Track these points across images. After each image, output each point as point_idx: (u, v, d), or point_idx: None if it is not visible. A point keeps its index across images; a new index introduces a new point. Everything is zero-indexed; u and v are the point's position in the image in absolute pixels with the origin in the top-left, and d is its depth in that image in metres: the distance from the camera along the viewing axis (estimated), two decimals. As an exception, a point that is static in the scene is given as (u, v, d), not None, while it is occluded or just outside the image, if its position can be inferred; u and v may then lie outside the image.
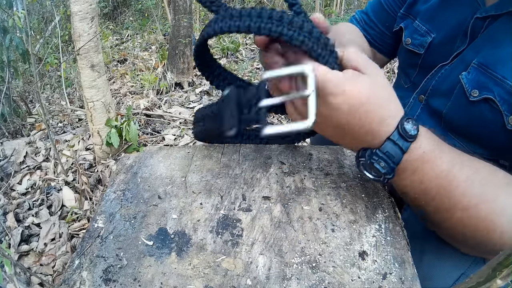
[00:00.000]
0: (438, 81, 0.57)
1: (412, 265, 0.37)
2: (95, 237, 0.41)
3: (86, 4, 1.52)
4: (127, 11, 4.98)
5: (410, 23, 0.65)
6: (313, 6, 4.09)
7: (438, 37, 0.59)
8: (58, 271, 1.29)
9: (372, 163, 0.39)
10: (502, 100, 0.46)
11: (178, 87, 2.74)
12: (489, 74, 0.48)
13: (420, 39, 0.62)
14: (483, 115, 0.49)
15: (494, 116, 0.47)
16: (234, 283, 0.35)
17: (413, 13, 0.65)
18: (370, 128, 0.37)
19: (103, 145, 1.79)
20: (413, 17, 0.65)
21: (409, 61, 0.66)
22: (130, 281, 0.36)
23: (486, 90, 0.48)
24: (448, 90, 0.54)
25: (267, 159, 0.52)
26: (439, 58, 0.58)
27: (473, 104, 0.49)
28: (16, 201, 1.61)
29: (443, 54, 0.58)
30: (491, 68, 0.48)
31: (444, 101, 0.55)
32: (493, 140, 0.50)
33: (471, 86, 0.50)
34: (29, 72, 2.79)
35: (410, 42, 0.64)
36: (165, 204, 0.45)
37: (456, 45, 0.56)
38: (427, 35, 0.61)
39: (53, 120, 2.45)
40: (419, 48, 0.62)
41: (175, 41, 2.61)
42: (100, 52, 1.66)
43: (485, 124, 0.49)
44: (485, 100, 0.48)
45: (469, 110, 0.50)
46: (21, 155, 1.94)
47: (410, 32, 0.64)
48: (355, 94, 0.35)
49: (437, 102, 0.57)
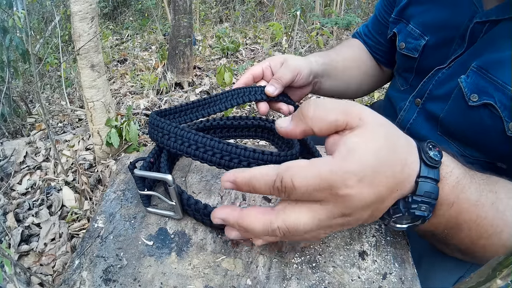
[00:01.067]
0: (435, 84, 0.57)
1: (412, 265, 0.37)
2: (95, 237, 0.41)
3: (86, 4, 1.52)
4: (127, 11, 4.98)
5: (403, 27, 0.64)
6: (313, 6, 4.09)
7: (432, 40, 0.58)
8: (58, 271, 1.29)
9: (412, 213, 0.32)
10: (502, 106, 0.45)
11: (178, 87, 2.74)
12: (488, 78, 0.47)
13: (414, 43, 0.61)
14: (482, 120, 0.48)
15: (493, 121, 0.46)
16: (234, 283, 0.35)
17: (406, 16, 0.64)
18: (398, 181, 0.30)
19: (103, 145, 1.79)
20: (406, 21, 0.64)
21: (404, 65, 0.66)
22: (130, 281, 0.36)
23: (486, 95, 0.47)
24: (445, 94, 0.53)
25: (267, 159, 0.52)
26: (435, 62, 0.58)
27: (472, 109, 0.48)
28: (16, 201, 1.61)
29: (439, 58, 0.57)
30: (491, 72, 0.47)
31: (441, 105, 0.54)
32: (492, 145, 0.49)
33: (470, 90, 0.48)
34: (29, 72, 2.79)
35: (404, 46, 0.63)
36: (165, 204, 0.45)
37: (452, 48, 0.55)
38: (421, 38, 0.60)
39: (53, 120, 2.45)
40: (413, 52, 0.61)
41: (175, 41, 2.61)
42: (100, 52, 1.66)
43: (484, 129, 0.48)
44: (484, 105, 0.47)
45: (468, 115, 0.49)
46: (21, 155, 1.94)
47: (403, 36, 0.63)
48: (365, 164, 0.28)
49: (434, 106, 0.56)
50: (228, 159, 0.36)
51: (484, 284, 0.19)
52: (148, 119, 0.44)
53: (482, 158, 0.51)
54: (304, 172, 0.28)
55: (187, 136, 0.38)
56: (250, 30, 4.01)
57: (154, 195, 0.43)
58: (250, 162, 0.36)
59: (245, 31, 3.96)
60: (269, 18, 4.46)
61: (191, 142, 0.38)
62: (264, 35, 3.74)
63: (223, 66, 1.94)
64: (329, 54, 0.70)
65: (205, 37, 3.76)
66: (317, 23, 3.43)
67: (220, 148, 0.36)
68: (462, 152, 0.53)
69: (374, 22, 0.76)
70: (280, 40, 3.38)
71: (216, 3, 4.84)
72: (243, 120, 0.56)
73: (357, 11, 4.38)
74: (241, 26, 4.26)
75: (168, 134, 0.39)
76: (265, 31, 3.81)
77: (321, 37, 3.17)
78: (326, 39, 3.38)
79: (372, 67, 0.76)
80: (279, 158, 0.37)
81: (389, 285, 0.35)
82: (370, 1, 4.53)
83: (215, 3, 4.86)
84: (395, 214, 0.33)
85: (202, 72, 3.01)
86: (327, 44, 3.31)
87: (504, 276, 0.18)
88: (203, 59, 3.21)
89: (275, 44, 3.45)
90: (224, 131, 0.56)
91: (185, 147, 0.38)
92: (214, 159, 0.36)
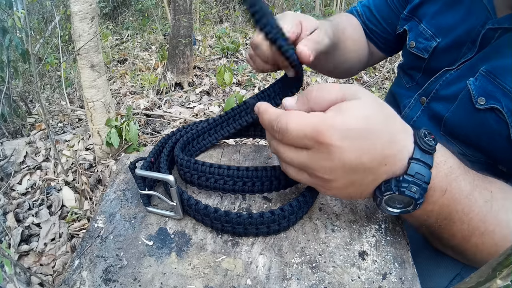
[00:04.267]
0: (442, 85, 0.57)
1: (412, 265, 0.37)
2: (95, 237, 0.41)
3: (86, 4, 1.52)
4: (127, 11, 4.98)
5: (415, 25, 0.63)
6: (313, 6, 4.09)
7: (444, 43, 0.58)
8: (58, 271, 1.29)
9: (403, 192, 0.33)
10: (509, 112, 0.45)
11: (178, 87, 2.74)
12: (497, 83, 0.47)
13: (424, 43, 0.61)
14: (487, 124, 0.48)
15: (499, 126, 0.47)
16: (234, 283, 0.35)
17: (418, 15, 0.63)
18: (385, 154, 0.32)
19: (103, 145, 1.79)
20: (418, 20, 0.63)
21: (412, 63, 0.65)
22: (130, 281, 0.36)
23: (494, 99, 0.47)
24: (452, 95, 0.54)
25: (267, 159, 0.52)
26: (444, 63, 0.58)
27: (479, 111, 0.49)
28: (16, 201, 1.61)
29: (448, 60, 0.57)
30: (499, 78, 0.47)
31: (447, 106, 0.54)
32: (495, 149, 0.49)
33: (478, 93, 0.49)
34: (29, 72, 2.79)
35: (414, 45, 0.62)
36: (165, 204, 0.45)
37: (462, 51, 0.55)
38: (432, 40, 0.59)
39: (53, 120, 2.45)
40: (423, 52, 0.61)
41: (175, 41, 2.61)
42: (100, 52, 1.66)
43: (489, 133, 0.48)
44: (491, 109, 0.47)
45: (474, 117, 0.50)
46: (21, 155, 1.94)
47: (414, 35, 0.63)
48: (350, 124, 0.30)
49: (439, 106, 0.56)
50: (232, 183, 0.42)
51: (484, 284, 0.19)
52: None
53: (483, 159, 0.51)
54: (298, 118, 0.32)
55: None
56: (250, 30, 4.01)
57: (155, 195, 0.43)
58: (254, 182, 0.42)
59: (245, 31, 3.96)
60: (269, 18, 4.45)
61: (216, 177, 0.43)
62: (264, 35, 3.72)
63: (223, 66, 1.94)
64: (338, 31, 0.64)
65: (205, 37, 3.76)
66: (317, 23, 3.42)
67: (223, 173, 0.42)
68: (464, 151, 0.53)
69: (381, 7, 0.71)
70: (280, 40, 3.37)
71: (216, 3, 4.84)
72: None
73: (357, 11, 4.37)
74: (241, 26, 4.26)
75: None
76: (265, 31, 3.80)
77: (321, 37, 3.16)
78: (326, 39, 3.38)
79: (366, 53, 0.74)
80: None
81: (389, 285, 0.35)
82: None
83: (215, 3, 4.86)
84: (386, 192, 0.34)
85: (202, 72, 3.01)
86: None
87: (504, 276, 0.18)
88: (203, 59, 3.21)
89: (275, 44, 3.44)
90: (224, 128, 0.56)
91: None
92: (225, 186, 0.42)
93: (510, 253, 0.18)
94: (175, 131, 0.52)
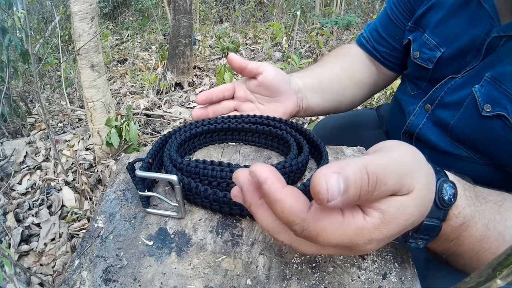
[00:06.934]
0: (447, 92, 0.56)
1: (412, 265, 0.37)
2: (95, 237, 0.41)
3: (86, 4, 1.52)
4: (127, 11, 4.98)
5: (419, 35, 0.63)
6: (313, 6, 4.09)
7: (448, 52, 0.57)
8: (58, 271, 1.29)
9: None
10: None
11: (178, 87, 2.74)
12: (502, 89, 0.47)
13: (429, 53, 0.60)
14: (494, 130, 0.48)
15: (505, 133, 0.47)
16: (234, 283, 0.35)
17: (422, 25, 0.63)
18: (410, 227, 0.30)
19: (103, 145, 1.79)
20: (422, 30, 0.62)
21: (417, 73, 0.65)
22: (130, 281, 0.36)
23: (500, 106, 0.47)
24: (457, 102, 0.54)
25: (267, 159, 0.52)
26: (448, 72, 0.57)
27: (485, 118, 0.49)
28: (16, 201, 1.61)
29: (452, 68, 0.57)
30: (504, 83, 0.47)
31: (452, 113, 0.54)
32: (502, 155, 0.49)
33: (484, 100, 0.49)
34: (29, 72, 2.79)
35: (419, 56, 0.62)
36: (165, 204, 0.45)
37: (467, 60, 0.55)
38: (436, 50, 0.59)
39: (53, 120, 2.45)
40: (427, 63, 0.60)
41: (175, 41, 2.61)
42: (100, 52, 1.66)
43: (495, 139, 0.48)
44: (497, 116, 0.47)
45: (480, 124, 0.50)
46: (21, 155, 1.94)
47: (418, 45, 0.62)
48: (395, 231, 0.27)
49: (444, 113, 0.56)
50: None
51: (484, 284, 0.19)
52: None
53: (491, 162, 0.52)
54: (333, 231, 0.26)
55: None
56: (250, 30, 4.01)
57: (154, 195, 0.43)
58: None
59: (245, 31, 3.96)
60: (269, 18, 4.46)
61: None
62: (264, 35, 3.74)
63: (223, 66, 1.94)
64: (311, 68, 0.67)
65: (205, 37, 3.76)
66: (317, 23, 3.43)
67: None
68: (472, 156, 0.53)
69: (386, 24, 0.71)
70: (280, 40, 3.38)
71: (216, 3, 4.85)
72: (247, 123, 0.54)
73: (357, 11, 4.38)
74: (241, 26, 4.26)
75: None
76: (265, 31, 3.81)
77: (321, 37, 3.17)
78: (326, 39, 3.38)
79: (368, 75, 0.73)
80: (291, 168, 0.43)
81: (389, 285, 0.35)
82: (370, 1, 4.54)
83: (215, 3, 4.86)
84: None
85: (202, 72, 3.01)
86: (327, 44, 3.31)
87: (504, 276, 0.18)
88: (203, 59, 3.21)
89: (275, 44, 3.45)
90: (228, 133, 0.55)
91: None
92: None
93: (510, 253, 0.18)
94: (171, 132, 0.53)
